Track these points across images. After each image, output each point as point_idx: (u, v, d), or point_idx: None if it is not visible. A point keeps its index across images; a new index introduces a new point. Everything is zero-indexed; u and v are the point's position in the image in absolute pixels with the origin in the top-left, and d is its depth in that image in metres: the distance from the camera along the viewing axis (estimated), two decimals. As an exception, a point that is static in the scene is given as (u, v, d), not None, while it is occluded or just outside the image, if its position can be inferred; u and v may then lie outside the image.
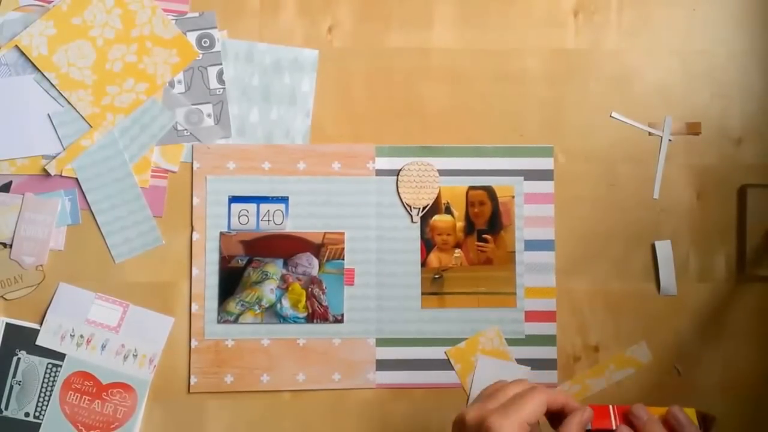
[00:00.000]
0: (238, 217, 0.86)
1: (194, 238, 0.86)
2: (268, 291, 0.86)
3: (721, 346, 0.88)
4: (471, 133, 0.88)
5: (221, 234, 0.86)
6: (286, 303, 0.86)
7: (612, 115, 0.89)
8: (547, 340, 0.87)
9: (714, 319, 0.88)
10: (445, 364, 0.86)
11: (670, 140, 0.89)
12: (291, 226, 0.86)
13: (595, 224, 0.88)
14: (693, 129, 0.89)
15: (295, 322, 0.86)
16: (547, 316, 0.87)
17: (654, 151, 0.89)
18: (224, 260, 0.86)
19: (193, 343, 0.85)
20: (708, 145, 0.89)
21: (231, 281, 0.86)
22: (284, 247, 0.86)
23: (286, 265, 0.86)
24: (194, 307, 0.85)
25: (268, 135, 0.87)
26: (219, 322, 0.85)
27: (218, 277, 0.86)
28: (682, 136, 0.89)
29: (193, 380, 0.85)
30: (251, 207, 0.86)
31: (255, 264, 0.86)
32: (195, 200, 0.86)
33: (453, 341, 0.87)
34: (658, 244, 0.88)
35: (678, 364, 0.87)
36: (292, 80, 0.88)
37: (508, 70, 0.89)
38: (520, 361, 0.87)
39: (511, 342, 0.87)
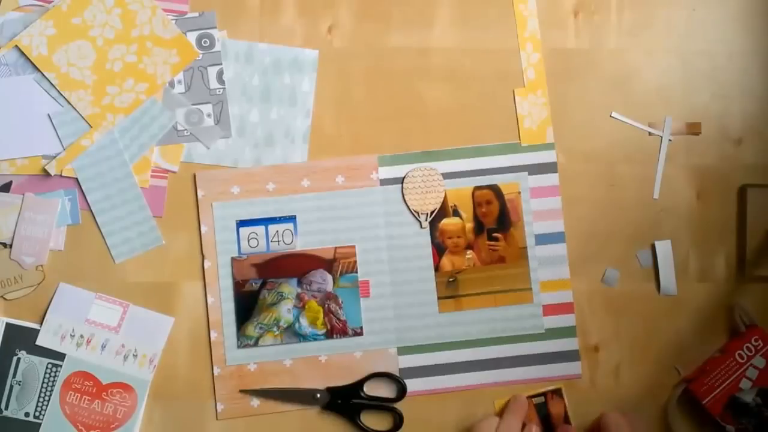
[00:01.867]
0: (248, 241, 0.86)
1: (206, 266, 0.85)
2: (285, 311, 0.86)
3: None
4: (471, 132, 0.88)
5: (233, 259, 0.86)
6: (304, 321, 0.86)
7: (612, 115, 0.89)
8: (567, 331, 0.87)
9: (714, 319, 0.88)
10: (469, 366, 0.86)
11: (670, 140, 0.89)
12: (301, 244, 0.86)
13: (595, 224, 0.88)
14: (693, 129, 0.89)
15: (315, 339, 0.86)
16: (565, 308, 0.87)
17: (654, 151, 0.89)
18: (238, 285, 0.86)
19: (216, 371, 0.85)
20: (708, 145, 0.89)
21: (247, 305, 0.85)
22: (296, 265, 0.86)
23: (300, 283, 0.86)
24: (213, 334, 0.85)
25: (268, 135, 0.87)
26: (239, 347, 0.85)
27: (234, 302, 0.85)
28: (682, 136, 0.89)
29: (219, 408, 0.85)
30: (260, 229, 0.86)
31: (269, 286, 0.86)
32: (203, 228, 0.86)
33: (474, 342, 0.86)
34: (658, 244, 0.88)
35: (678, 364, 0.87)
36: (292, 80, 0.88)
37: (508, 70, 0.89)
38: (540, 357, 0.86)
39: (531, 337, 0.87)
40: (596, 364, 0.87)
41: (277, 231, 0.86)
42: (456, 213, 0.87)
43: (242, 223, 0.86)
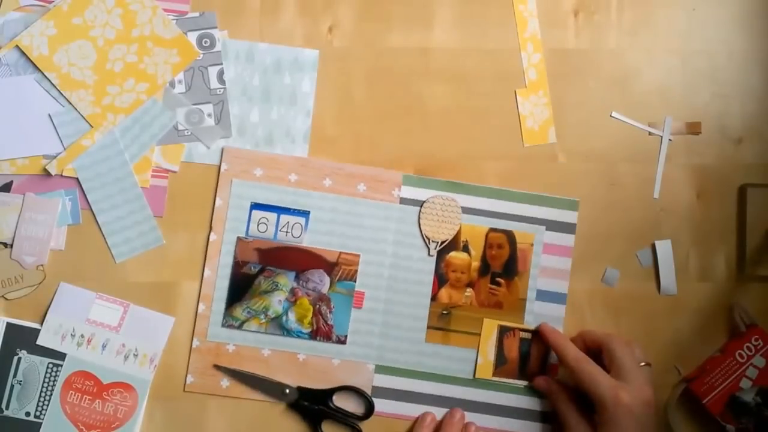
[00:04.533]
0: (257, 225, 0.86)
1: (211, 239, 0.85)
2: (276, 302, 0.86)
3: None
4: (472, 132, 0.88)
5: (238, 239, 0.86)
6: (292, 316, 0.86)
7: (612, 114, 0.89)
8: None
9: (714, 318, 0.88)
10: (442, 401, 0.85)
11: (670, 140, 0.89)
12: (308, 240, 0.86)
13: (595, 224, 0.88)
14: (693, 129, 0.89)
15: (299, 336, 0.85)
16: (552, 369, 0.86)
17: (654, 150, 0.89)
18: (237, 265, 0.85)
19: (195, 343, 0.85)
20: (708, 145, 0.89)
21: (241, 287, 0.85)
22: (298, 260, 0.86)
23: (297, 278, 0.86)
24: (201, 307, 0.85)
25: (269, 135, 0.87)
26: (223, 325, 0.85)
27: (229, 281, 0.85)
28: (682, 136, 0.89)
29: (189, 379, 0.85)
30: (272, 216, 0.86)
31: (267, 273, 0.86)
32: (218, 201, 0.86)
33: (452, 380, 0.85)
34: (658, 243, 0.88)
35: (678, 364, 0.87)
36: (292, 80, 0.88)
37: (509, 70, 0.89)
38: (512, 410, 0.85)
39: (511, 389, 0.86)
40: (596, 363, 0.87)
41: (288, 222, 0.86)
42: (466, 248, 0.87)
43: (256, 206, 0.86)
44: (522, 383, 0.86)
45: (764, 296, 0.88)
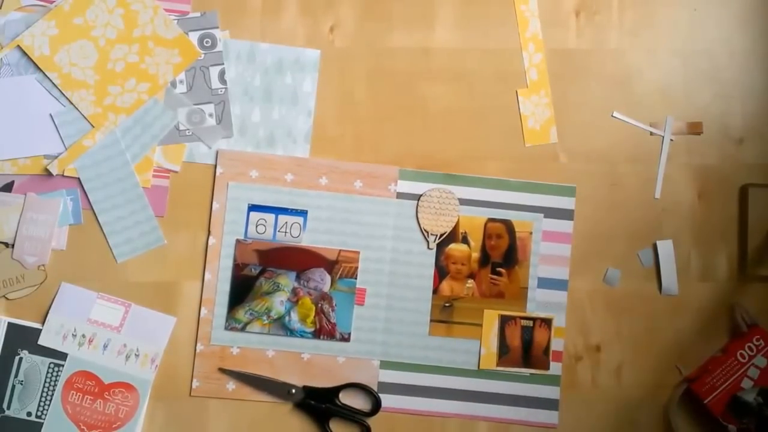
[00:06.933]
0: (256, 226, 0.86)
1: (210, 243, 0.86)
2: (278, 302, 0.86)
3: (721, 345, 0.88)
4: (472, 132, 0.88)
5: (237, 241, 0.86)
6: (294, 316, 0.86)
7: (613, 114, 0.89)
8: (551, 379, 0.86)
9: (715, 318, 0.88)
10: (448, 393, 0.86)
11: (671, 140, 0.89)
12: (307, 240, 0.86)
13: (597, 224, 0.88)
14: (694, 129, 0.89)
15: (302, 336, 0.86)
16: (554, 356, 0.86)
17: (655, 150, 0.89)
18: (237, 267, 0.86)
19: (199, 347, 0.85)
20: (709, 145, 0.89)
21: (242, 289, 0.85)
22: (298, 260, 0.86)
23: (298, 278, 0.86)
24: (203, 311, 0.85)
25: (270, 135, 0.87)
26: (226, 328, 0.85)
27: (230, 283, 0.85)
28: (684, 136, 0.89)
29: (195, 384, 0.85)
30: (269, 217, 0.86)
31: (268, 274, 0.86)
32: (215, 205, 0.86)
33: (457, 371, 0.86)
34: (659, 243, 0.88)
35: (679, 364, 0.87)
36: (293, 80, 0.88)
37: (510, 70, 0.89)
38: (519, 399, 0.86)
39: (515, 377, 0.86)
40: (598, 363, 0.87)
41: (286, 222, 0.86)
42: (465, 240, 0.87)
43: (253, 208, 0.86)
44: (527, 371, 0.86)
45: (765, 296, 0.88)
